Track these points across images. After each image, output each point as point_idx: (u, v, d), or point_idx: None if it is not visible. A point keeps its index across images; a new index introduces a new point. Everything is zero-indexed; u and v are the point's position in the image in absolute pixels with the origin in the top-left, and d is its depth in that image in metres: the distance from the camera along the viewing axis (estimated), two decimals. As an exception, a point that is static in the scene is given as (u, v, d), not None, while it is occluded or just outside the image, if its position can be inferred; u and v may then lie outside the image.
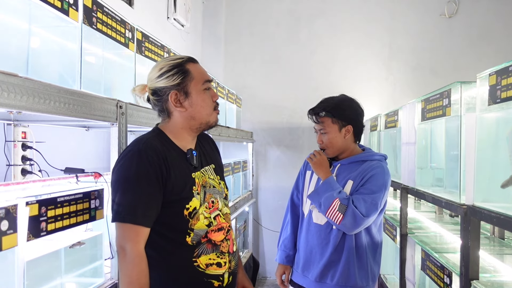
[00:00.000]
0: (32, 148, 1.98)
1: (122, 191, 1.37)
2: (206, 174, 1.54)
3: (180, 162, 1.46)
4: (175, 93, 1.44)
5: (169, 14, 4.21)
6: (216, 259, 1.46)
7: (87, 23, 1.66)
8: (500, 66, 1.42)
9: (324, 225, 2.00)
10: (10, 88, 1.15)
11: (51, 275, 1.51)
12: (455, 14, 5.09)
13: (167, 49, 2.46)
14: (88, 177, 1.76)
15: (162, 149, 1.43)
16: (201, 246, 1.44)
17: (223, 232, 1.50)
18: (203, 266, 1.44)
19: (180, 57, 1.49)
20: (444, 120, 1.98)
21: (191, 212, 1.43)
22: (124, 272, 1.36)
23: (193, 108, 1.47)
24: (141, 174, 1.37)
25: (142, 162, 1.37)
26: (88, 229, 1.74)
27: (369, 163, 1.99)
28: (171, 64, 1.46)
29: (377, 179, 1.94)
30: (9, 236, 1.16)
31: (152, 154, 1.39)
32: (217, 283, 1.46)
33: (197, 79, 1.47)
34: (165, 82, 1.44)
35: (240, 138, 4.24)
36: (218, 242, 1.48)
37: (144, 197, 1.36)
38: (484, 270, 1.71)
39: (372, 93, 5.17)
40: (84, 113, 1.51)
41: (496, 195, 1.58)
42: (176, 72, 1.44)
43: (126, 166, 1.39)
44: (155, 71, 1.47)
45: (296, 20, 5.34)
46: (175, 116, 1.48)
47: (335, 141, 2.01)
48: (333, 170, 2.04)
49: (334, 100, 2.04)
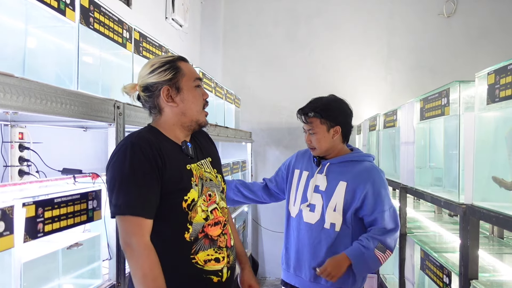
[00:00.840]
0: (29, 149, 1.97)
1: (119, 186, 1.36)
2: (203, 167, 1.54)
3: (175, 153, 1.47)
4: (167, 88, 1.46)
5: (167, 14, 4.20)
6: (214, 254, 1.46)
7: (84, 23, 1.65)
8: (498, 65, 1.41)
9: (315, 224, 2.01)
10: (6, 89, 1.14)
11: (49, 276, 1.51)
12: (454, 14, 5.09)
13: (165, 49, 2.45)
14: (85, 178, 1.76)
15: (156, 141, 1.43)
16: (199, 242, 1.44)
17: (219, 226, 1.51)
18: (201, 262, 1.43)
19: (171, 55, 1.53)
20: (443, 119, 1.98)
21: (189, 204, 1.43)
22: (135, 267, 1.33)
23: (184, 104, 1.49)
24: (136, 167, 1.36)
25: (136, 155, 1.37)
26: (86, 230, 1.73)
27: (361, 165, 2.02)
28: (163, 61, 1.49)
29: (380, 187, 1.99)
30: (5, 237, 1.15)
31: (146, 146, 1.39)
32: (216, 279, 1.46)
33: (188, 76, 1.50)
34: (157, 78, 1.46)
35: (239, 138, 4.23)
36: (215, 237, 1.48)
37: (141, 189, 1.36)
38: (483, 270, 1.71)
39: (370, 93, 5.17)
40: (82, 113, 1.50)
41: (495, 195, 1.58)
42: (168, 68, 1.47)
43: (120, 160, 1.38)
44: (147, 67, 1.49)
45: (294, 20, 5.34)
46: (166, 112, 1.50)
47: (323, 142, 2.03)
48: (323, 169, 2.04)
49: (323, 101, 2.05)
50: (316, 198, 2.02)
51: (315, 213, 2.01)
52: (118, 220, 1.37)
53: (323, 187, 2.01)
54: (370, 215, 1.96)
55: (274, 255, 5.16)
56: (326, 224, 1.98)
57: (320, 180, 2.03)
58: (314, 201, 2.03)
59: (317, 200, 2.02)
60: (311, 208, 2.03)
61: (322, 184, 2.02)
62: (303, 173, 2.11)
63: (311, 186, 2.04)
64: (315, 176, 2.05)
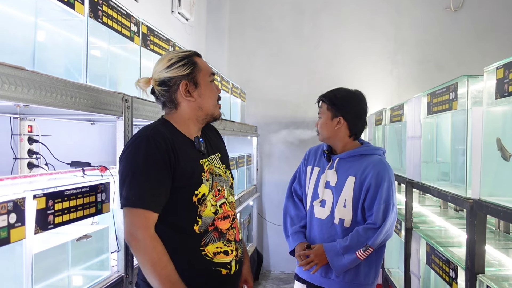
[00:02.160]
0: (38, 141, 1.98)
1: (131, 178, 1.38)
2: (213, 162, 1.56)
3: (187, 148, 1.49)
4: (186, 83, 1.48)
5: (174, 8, 4.20)
6: (223, 247, 1.48)
7: (93, 17, 1.66)
8: (508, 59, 1.41)
9: (325, 219, 2.01)
10: (18, 82, 1.15)
11: (58, 267, 1.53)
12: (461, 8, 5.05)
13: (172, 43, 2.46)
14: (94, 171, 1.77)
15: (170, 136, 1.45)
16: (208, 235, 1.46)
17: (228, 221, 1.53)
18: (210, 254, 1.45)
19: (187, 50, 1.55)
20: (450, 114, 1.97)
21: (200, 198, 1.45)
22: (142, 257, 1.36)
23: (202, 98, 1.51)
24: (150, 160, 1.39)
25: (151, 148, 1.39)
26: (94, 223, 1.74)
27: (370, 159, 1.99)
28: (180, 55, 1.50)
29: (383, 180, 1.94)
30: (17, 229, 1.17)
31: (160, 141, 1.41)
32: (225, 271, 1.48)
33: (204, 71, 1.53)
34: (175, 72, 1.47)
35: (245, 132, 4.24)
36: (224, 230, 1.50)
37: (153, 183, 1.38)
38: (489, 264, 1.71)
39: (376, 87, 5.15)
40: (90, 106, 1.51)
41: (503, 189, 1.58)
42: (186, 63, 1.49)
43: (134, 152, 1.41)
44: (164, 62, 1.50)
45: (300, 14, 5.32)
46: (183, 107, 1.51)
47: (325, 128, 2.05)
48: (333, 165, 2.04)
49: (339, 91, 2.07)
50: (327, 194, 2.02)
51: (326, 208, 2.01)
52: (126, 212, 1.39)
53: (334, 183, 2.01)
54: (370, 209, 1.94)
55: (279, 248, 5.17)
56: (336, 220, 1.97)
57: (330, 175, 2.03)
58: (325, 196, 2.02)
59: (327, 196, 2.02)
60: (322, 204, 2.03)
61: (332, 179, 2.02)
62: (315, 169, 2.11)
63: (322, 182, 2.04)
64: (325, 171, 2.05)
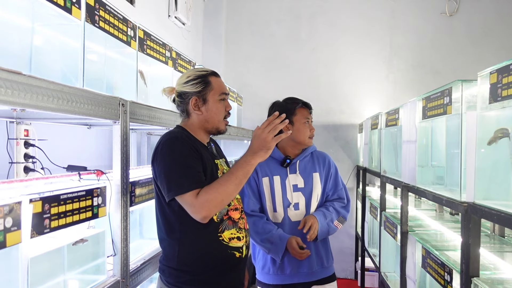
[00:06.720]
0: (35, 145, 1.98)
1: (175, 169, 1.60)
2: (222, 164, 1.82)
3: (204, 150, 1.73)
4: (195, 99, 1.74)
5: (170, 12, 4.21)
6: (236, 233, 1.74)
7: (90, 21, 1.67)
8: (501, 64, 1.42)
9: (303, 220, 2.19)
10: (14, 86, 1.16)
11: (54, 272, 1.52)
12: (456, 13, 5.09)
13: (168, 47, 2.46)
14: (90, 175, 1.77)
15: (191, 138, 1.72)
16: (224, 223, 1.71)
17: (238, 212, 1.79)
18: (226, 240, 1.71)
19: (206, 70, 1.80)
20: (445, 118, 1.99)
21: None
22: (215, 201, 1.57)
23: (208, 113, 1.76)
24: (186, 152, 1.63)
25: (183, 145, 1.64)
26: (90, 227, 1.74)
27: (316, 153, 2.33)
28: (197, 74, 1.76)
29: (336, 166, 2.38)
30: (13, 233, 1.17)
31: (187, 140, 1.67)
32: (238, 254, 1.73)
33: (215, 90, 1.76)
34: (189, 88, 1.74)
35: (241, 136, 4.25)
36: (236, 219, 1.76)
37: (195, 168, 1.61)
38: (484, 268, 1.72)
39: (372, 91, 5.17)
40: (88, 110, 1.51)
41: (497, 193, 1.59)
42: (200, 82, 1.74)
43: (171, 149, 1.63)
44: (183, 78, 1.77)
45: (296, 19, 5.34)
46: (193, 117, 1.78)
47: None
48: (295, 168, 2.24)
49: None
50: (297, 196, 2.19)
51: (300, 210, 2.19)
52: (181, 198, 1.58)
53: (302, 184, 2.20)
54: (334, 192, 2.30)
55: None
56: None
57: (295, 179, 2.21)
58: (296, 200, 2.19)
59: (299, 198, 2.20)
60: (295, 207, 2.19)
61: (299, 182, 2.20)
62: (274, 178, 2.21)
63: (288, 187, 2.19)
64: (287, 177, 2.20)
